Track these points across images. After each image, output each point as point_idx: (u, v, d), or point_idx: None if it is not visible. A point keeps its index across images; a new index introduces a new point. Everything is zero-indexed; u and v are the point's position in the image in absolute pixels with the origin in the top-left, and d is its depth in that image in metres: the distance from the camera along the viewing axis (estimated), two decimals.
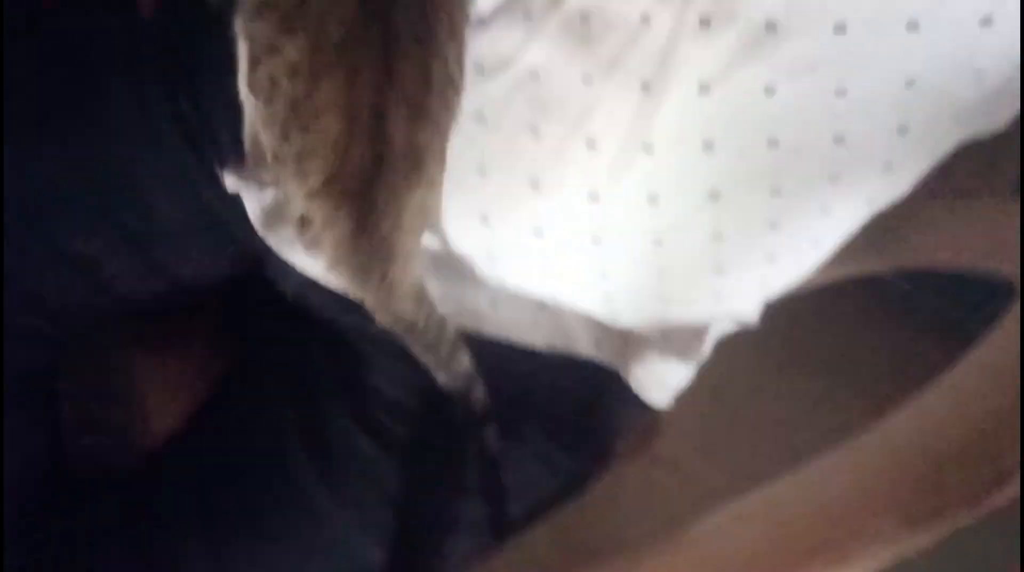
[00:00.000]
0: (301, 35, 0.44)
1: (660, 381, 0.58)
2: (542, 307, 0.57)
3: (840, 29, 0.44)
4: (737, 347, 0.61)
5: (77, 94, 0.61)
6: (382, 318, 0.51)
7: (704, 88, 0.46)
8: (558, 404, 0.60)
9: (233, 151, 0.56)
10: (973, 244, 0.66)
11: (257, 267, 0.61)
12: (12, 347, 0.58)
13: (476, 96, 0.50)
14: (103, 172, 0.59)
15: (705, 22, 0.45)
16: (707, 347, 0.58)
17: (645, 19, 0.46)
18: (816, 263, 0.55)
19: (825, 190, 0.49)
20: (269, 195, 0.56)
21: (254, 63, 0.46)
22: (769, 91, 0.46)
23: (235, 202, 0.57)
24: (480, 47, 0.49)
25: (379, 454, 0.56)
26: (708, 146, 0.48)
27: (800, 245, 0.53)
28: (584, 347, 0.58)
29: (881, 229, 0.55)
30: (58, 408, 0.63)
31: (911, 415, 0.50)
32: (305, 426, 0.57)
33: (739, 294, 0.55)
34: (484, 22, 0.49)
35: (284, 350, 0.61)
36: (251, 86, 0.47)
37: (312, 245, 0.49)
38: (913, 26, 0.43)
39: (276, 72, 0.45)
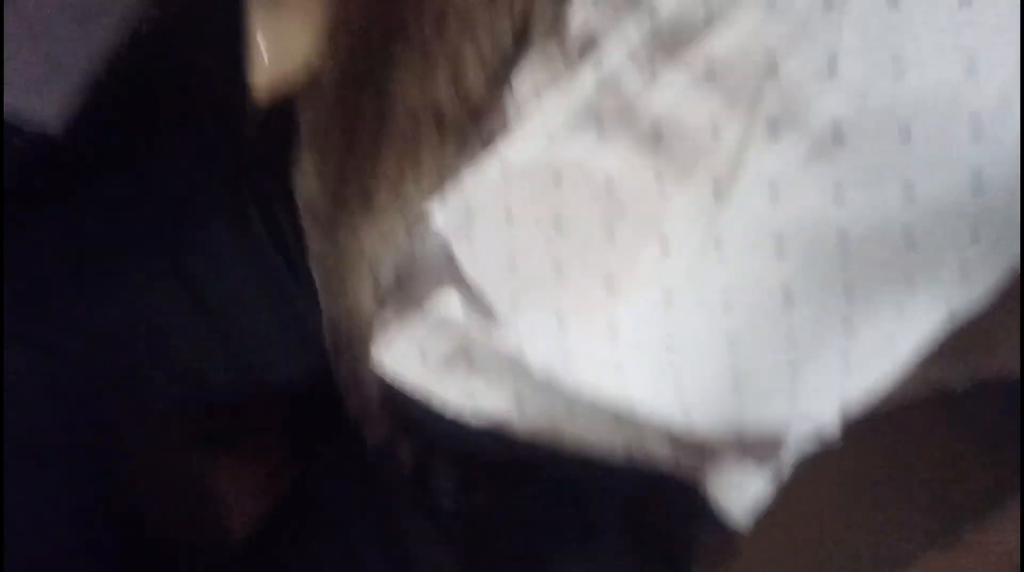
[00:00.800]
0: None
1: (739, 493, 0.57)
2: (617, 416, 0.58)
3: (905, 135, 0.46)
4: (813, 470, 0.60)
5: (184, 212, 0.67)
6: None
7: (775, 192, 0.48)
8: (633, 521, 0.59)
9: None
10: None
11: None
12: (97, 433, 0.61)
13: (552, 202, 0.53)
14: (203, 275, 0.64)
15: (773, 128, 0.47)
16: (786, 457, 0.57)
17: (715, 127, 0.48)
18: (895, 369, 0.55)
19: (900, 294, 0.50)
20: None
21: None
22: (838, 195, 0.47)
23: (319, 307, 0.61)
24: (555, 157, 0.52)
25: (452, 554, 0.56)
26: (780, 249, 0.49)
27: (877, 349, 0.53)
28: (661, 458, 0.58)
29: (964, 338, 0.55)
30: (136, 505, 0.65)
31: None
32: (380, 526, 0.58)
33: (816, 400, 0.55)
34: (555, 135, 0.52)
35: (357, 450, 0.63)
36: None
37: None
38: (977, 131, 0.45)
39: None
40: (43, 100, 0.73)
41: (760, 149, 0.48)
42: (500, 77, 0.57)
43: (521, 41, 0.56)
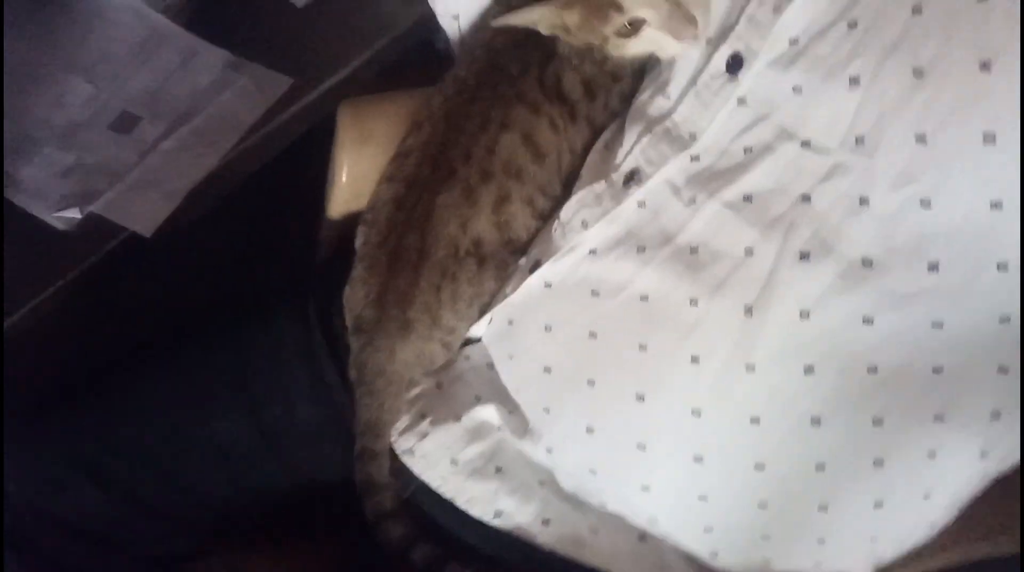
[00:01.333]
0: None
1: None
2: (642, 538, 0.57)
3: (934, 267, 0.48)
4: None
5: (250, 314, 0.72)
6: None
7: (804, 314, 0.50)
8: None
9: None
10: None
11: None
12: (145, 527, 0.63)
13: (589, 316, 0.56)
14: (259, 372, 0.67)
15: (805, 255, 0.50)
16: None
17: (749, 251, 0.51)
18: (928, 525, 0.52)
19: (930, 429, 0.49)
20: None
21: None
22: (867, 320, 0.49)
23: None
24: (596, 273, 0.56)
25: None
26: (809, 370, 0.50)
27: (908, 494, 0.52)
28: None
29: (1007, 504, 0.53)
30: None
31: None
32: None
33: (844, 545, 0.53)
34: (597, 253, 0.56)
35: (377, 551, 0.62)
36: None
37: None
38: (1003, 267, 0.47)
39: None
40: (143, 208, 0.81)
41: (791, 273, 0.50)
42: (544, 217, 0.62)
43: (568, 186, 0.62)
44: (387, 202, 0.63)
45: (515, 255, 0.62)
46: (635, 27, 0.56)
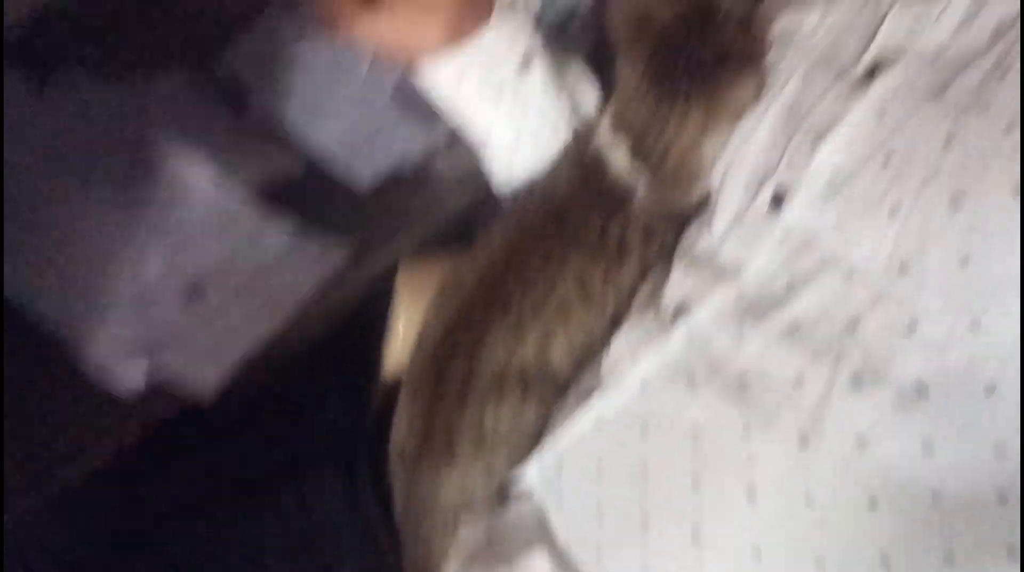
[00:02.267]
0: None
1: None
2: None
3: (990, 390, 0.47)
4: None
5: (298, 476, 0.72)
6: None
7: (862, 443, 0.48)
8: None
9: None
10: None
11: None
12: None
13: (640, 453, 0.55)
14: (306, 535, 0.67)
15: (856, 382, 0.49)
16: None
17: (799, 379, 0.51)
18: None
19: (1004, 565, 0.46)
20: None
21: None
22: (927, 448, 0.47)
23: None
24: (646, 408, 0.55)
25: None
26: (872, 503, 0.48)
27: None
28: None
29: None
30: None
31: None
32: None
33: None
34: (647, 387, 0.56)
35: None
36: None
37: None
38: None
39: None
40: (200, 369, 0.83)
41: (844, 401, 0.49)
42: (584, 356, 0.63)
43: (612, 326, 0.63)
44: (436, 327, 0.64)
45: (557, 391, 0.62)
46: None
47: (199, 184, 1.00)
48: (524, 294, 0.62)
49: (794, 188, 0.54)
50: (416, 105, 1.13)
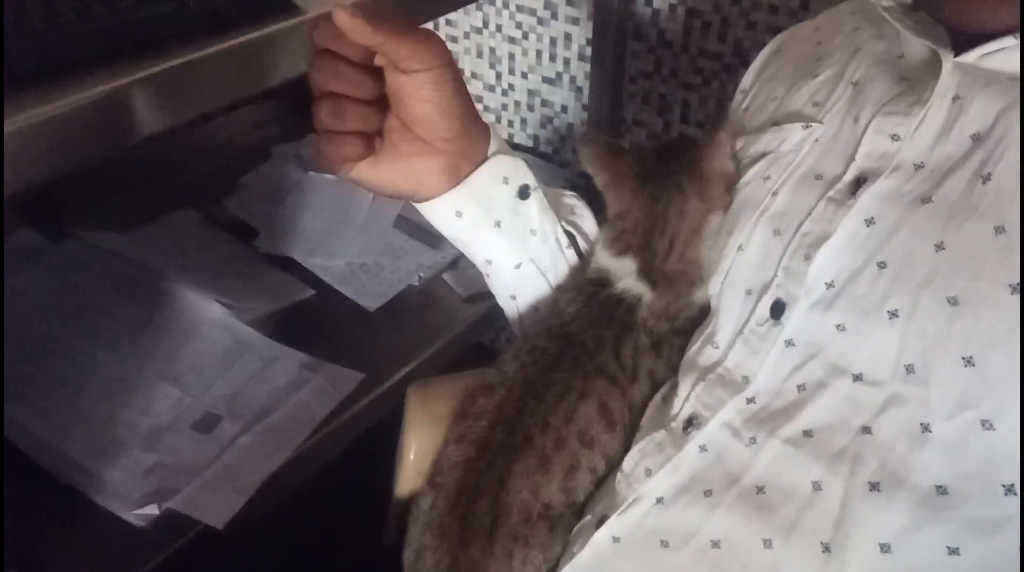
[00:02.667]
0: None
1: None
2: None
3: (1010, 490, 0.46)
4: None
5: None
6: None
7: (885, 548, 0.48)
8: None
9: None
10: None
11: None
12: None
13: (661, 569, 0.54)
14: None
15: (875, 487, 0.49)
16: None
17: (817, 486, 0.50)
18: None
19: None
20: None
21: None
22: (952, 551, 0.47)
23: None
24: (664, 523, 0.55)
25: None
26: None
27: None
28: None
29: None
30: None
31: None
32: None
33: None
34: (664, 501, 0.55)
35: None
36: None
37: None
38: None
39: None
40: (216, 502, 0.83)
41: (864, 506, 0.49)
42: (600, 481, 0.63)
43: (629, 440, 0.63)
44: (457, 465, 0.64)
45: (577, 517, 0.62)
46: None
47: (210, 317, 1.02)
48: (545, 429, 0.62)
49: (793, 298, 0.55)
50: (421, 228, 1.17)
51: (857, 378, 0.51)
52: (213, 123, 1.37)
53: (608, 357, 0.64)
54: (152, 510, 0.81)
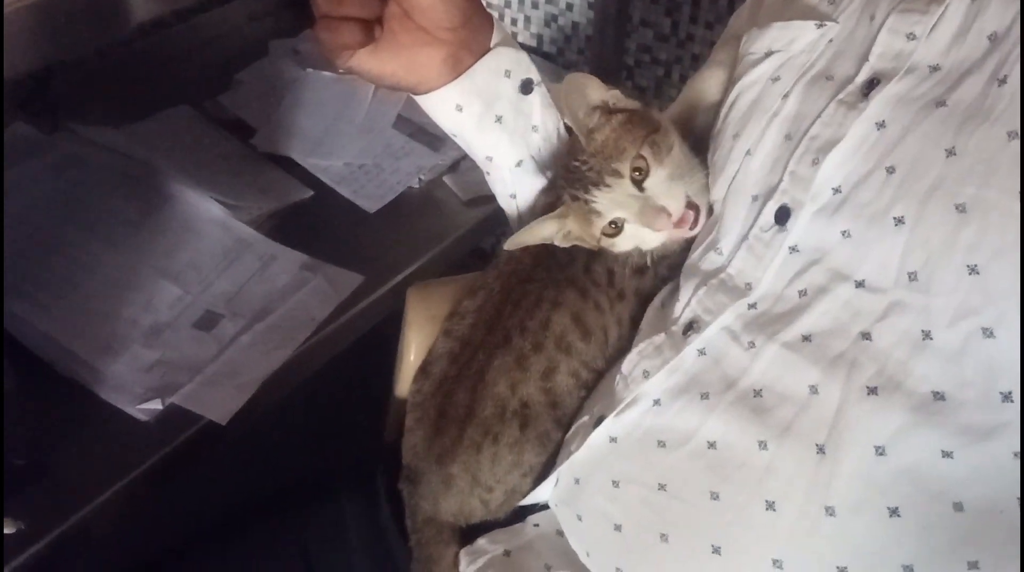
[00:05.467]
0: None
1: None
2: None
3: (1007, 397, 0.46)
4: None
5: (314, 497, 0.72)
6: None
7: (880, 451, 0.48)
8: None
9: None
10: None
11: None
12: None
13: (657, 468, 0.55)
14: (322, 554, 0.68)
15: (872, 391, 0.49)
16: None
17: (814, 390, 0.51)
18: None
19: None
20: None
21: None
22: (947, 455, 0.47)
23: None
24: (661, 424, 0.56)
25: None
26: (893, 511, 0.48)
27: None
28: None
29: None
30: None
31: None
32: None
33: None
34: (661, 403, 0.56)
35: None
36: None
37: None
38: None
39: None
40: (219, 398, 0.84)
41: (860, 409, 0.49)
42: (587, 386, 0.64)
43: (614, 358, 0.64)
44: (442, 356, 0.66)
45: (557, 425, 0.63)
46: (618, 226, 0.62)
47: (208, 216, 1.01)
48: (523, 332, 0.63)
49: (798, 204, 0.54)
50: (421, 130, 1.15)
51: (859, 285, 0.51)
52: (208, 15, 1.33)
53: (578, 271, 0.65)
54: (156, 405, 0.82)
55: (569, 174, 0.63)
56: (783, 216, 0.55)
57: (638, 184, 0.61)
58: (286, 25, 1.30)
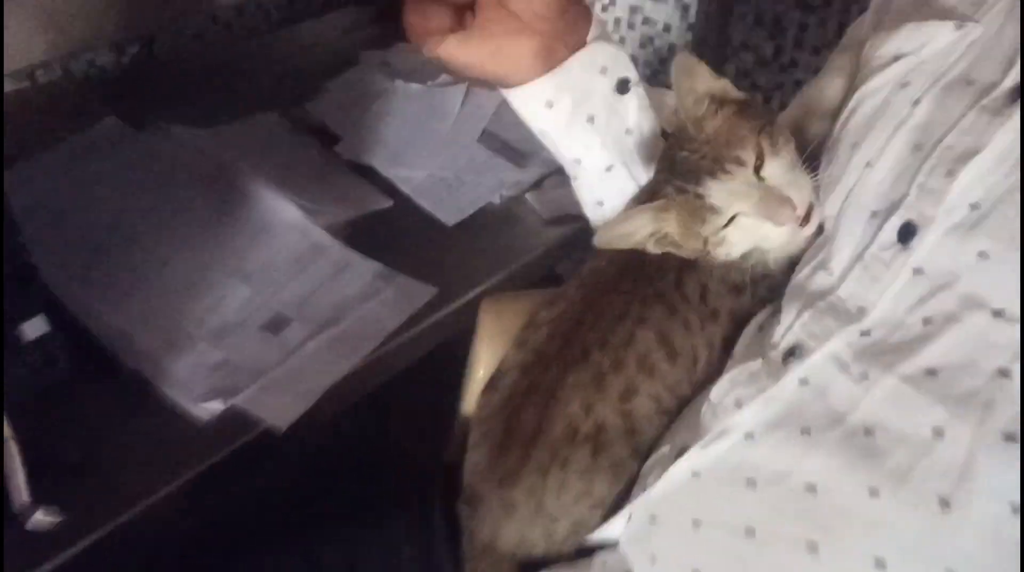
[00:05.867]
0: None
1: None
2: None
3: None
4: None
5: (366, 515, 0.68)
6: None
7: (1016, 509, 0.41)
8: None
9: None
10: None
11: None
12: None
13: (746, 510, 0.48)
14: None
15: (1011, 437, 0.42)
16: None
17: (938, 432, 0.44)
18: None
19: None
20: None
21: None
22: None
23: None
24: (752, 460, 0.49)
25: None
26: None
27: None
28: None
29: None
30: None
31: None
32: None
33: None
34: (754, 437, 0.50)
35: None
36: None
37: None
38: None
39: None
40: (280, 404, 0.81)
41: (995, 459, 0.42)
42: (668, 413, 0.58)
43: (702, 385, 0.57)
44: (513, 368, 0.61)
45: (633, 454, 0.57)
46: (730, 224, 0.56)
47: (286, 219, 0.99)
48: (603, 348, 0.58)
49: (927, 220, 0.48)
50: (506, 145, 1.12)
51: (997, 314, 0.44)
52: (301, 26, 1.33)
53: (669, 286, 0.59)
54: (217, 405, 0.80)
55: (676, 166, 0.58)
56: (907, 234, 0.48)
57: (756, 172, 0.55)
58: (377, 38, 1.30)
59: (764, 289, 0.59)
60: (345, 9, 1.34)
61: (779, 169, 0.55)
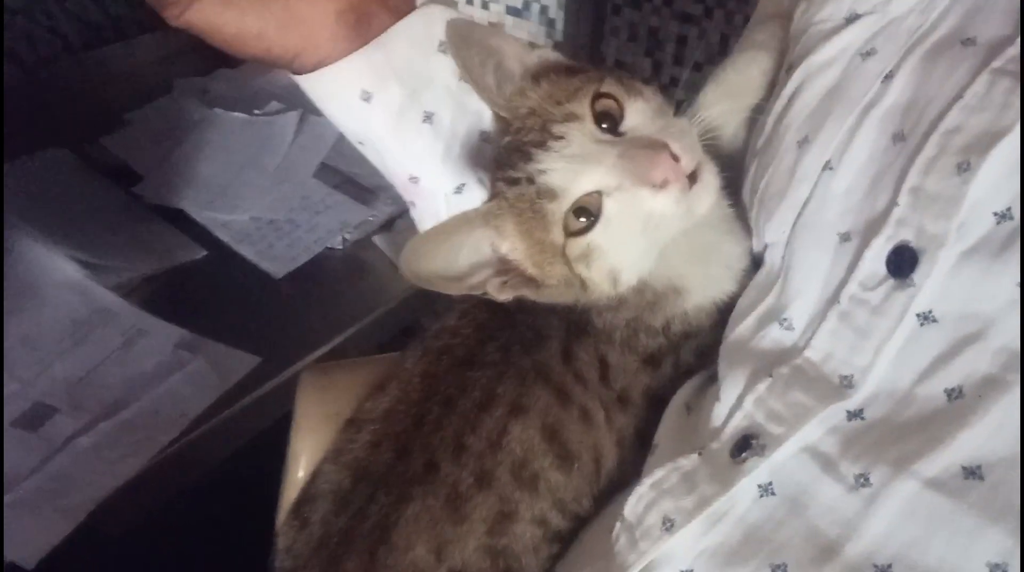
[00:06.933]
0: None
1: None
2: None
3: None
4: None
5: None
6: None
7: None
8: None
9: None
10: None
11: None
12: None
13: None
14: None
15: None
16: None
17: (997, 568, 0.28)
18: None
19: None
20: None
21: None
22: None
23: None
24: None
25: None
26: None
27: None
28: None
29: None
30: None
31: None
32: None
33: None
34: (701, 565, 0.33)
35: None
36: None
37: None
38: None
39: None
40: (30, 530, 0.59)
41: None
42: (560, 540, 0.41)
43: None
44: (325, 494, 0.42)
45: None
46: (593, 216, 0.38)
47: (59, 279, 0.77)
48: (459, 453, 0.40)
49: (931, 241, 0.32)
50: (349, 180, 0.94)
51: None
52: (105, 51, 1.12)
53: (553, 357, 0.41)
54: None
55: (501, 156, 0.41)
56: (903, 262, 0.33)
57: (612, 129, 0.39)
58: (197, 65, 1.10)
59: (689, 353, 0.42)
60: (160, 32, 1.14)
61: (645, 114, 0.39)
